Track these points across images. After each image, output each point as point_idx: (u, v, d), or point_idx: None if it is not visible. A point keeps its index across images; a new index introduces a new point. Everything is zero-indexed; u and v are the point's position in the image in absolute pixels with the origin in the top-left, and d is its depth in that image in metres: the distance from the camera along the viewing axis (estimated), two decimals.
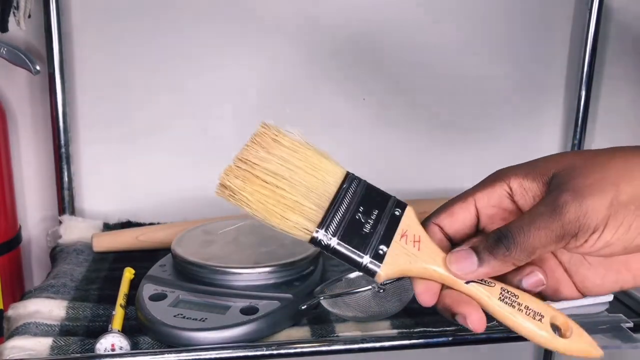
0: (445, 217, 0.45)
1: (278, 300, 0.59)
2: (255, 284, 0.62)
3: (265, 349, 0.56)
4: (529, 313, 0.42)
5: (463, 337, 0.59)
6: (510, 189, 0.44)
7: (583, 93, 0.91)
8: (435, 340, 0.59)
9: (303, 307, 0.60)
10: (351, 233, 0.42)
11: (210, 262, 0.63)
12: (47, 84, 0.80)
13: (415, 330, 0.59)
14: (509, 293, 0.42)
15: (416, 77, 0.91)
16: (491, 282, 0.43)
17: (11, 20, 0.74)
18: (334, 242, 0.42)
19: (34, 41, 0.81)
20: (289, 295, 0.60)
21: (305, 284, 0.63)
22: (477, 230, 0.46)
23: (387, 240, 0.43)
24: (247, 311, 0.58)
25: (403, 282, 0.58)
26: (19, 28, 0.75)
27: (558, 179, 0.42)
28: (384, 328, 0.59)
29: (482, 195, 0.45)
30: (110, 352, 0.55)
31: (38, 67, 0.75)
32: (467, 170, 0.95)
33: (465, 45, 0.91)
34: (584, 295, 0.45)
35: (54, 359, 0.54)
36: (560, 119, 0.95)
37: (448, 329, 0.59)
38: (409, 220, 0.44)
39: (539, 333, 0.41)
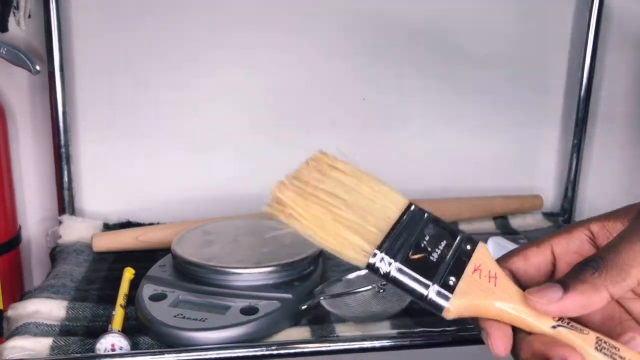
0: (518, 260, 0.40)
1: (278, 301, 0.59)
2: (255, 284, 0.62)
3: (265, 349, 0.56)
4: None
5: (463, 337, 0.59)
6: (591, 233, 0.40)
7: (583, 93, 0.91)
8: (435, 340, 0.59)
9: (303, 307, 0.60)
10: (415, 258, 0.37)
11: (210, 262, 0.63)
12: (47, 83, 0.80)
13: (415, 330, 0.59)
14: (607, 344, 0.36)
15: (415, 76, 0.90)
16: (584, 330, 0.36)
17: (11, 20, 0.74)
18: (394, 266, 0.37)
19: (34, 41, 0.81)
20: (289, 296, 0.60)
21: (305, 284, 0.63)
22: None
23: (457, 272, 0.37)
24: (247, 311, 0.58)
25: None
26: (19, 28, 0.75)
27: (628, 215, 0.38)
28: (384, 328, 0.59)
29: (560, 240, 0.40)
30: (110, 352, 0.55)
31: (38, 67, 0.75)
32: (467, 170, 0.95)
33: (464, 46, 0.90)
34: None
35: (53, 359, 0.54)
36: (560, 119, 0.95)
37: (448, 329, 0.59)
38: (482, 256, 0.39)
39: None
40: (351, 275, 0.63)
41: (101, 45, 0.83)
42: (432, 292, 0.37)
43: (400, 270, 0.37)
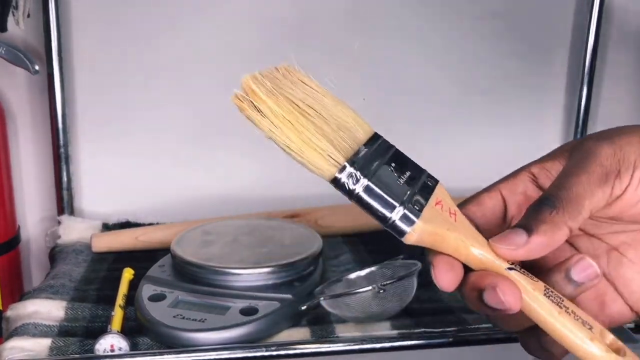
0: (473, 206, 0.41)
1: (278, 301, 0.59)
2: (255, 285, 0.62)
3: (265, 349, 0.56)
4: (577, 319, 0.35)
5: (463, 338, 0.59)
6: (533, 174, 0.41)
7: (583, 93, 0.91)
8: (435, 340, 0.59)
9: (303, 308, 0.60)
10: (383, 180, 0.36)
11: (210, 262, 0.63)
12: (47, 83, 0.80)
13: (416, 330, 0.59)
14: (554, 293, 0.36)
15: (415, 76, 0.90)
16: (534, 277, 0.36)
17: (10, 19, 0.74)
18: (362, 183, 0.35)
19: (33, 41, 0.81)
20: (288, 296, 0.60)
21: (305, 285, 0.63)
22: (506, 223, 0.42)
23: (421, 201, 0.36)
24: (247, 312, 0.58)
25: (403, 282, 0.58)
26: (18, 28, 0.75)
27: (579, 146, 0.39)
28: (384, 329, 0.59)
29: (507, 185, 0.42)
30: (110, 353, 0.54)
31: (37, 67, 0.75)
32: (467, 170, 0.94)
33: (464, 45, 0.90)
34: (637, 313, 0.40)
35: (53, 359, 0.54)
36: (560, 119, 0.95)
37: (448, 329, 0.59)
38: (442, 194, 0.39)
39: (590, 344, 0.34)
40: (351, 276, 0.63)
41: (101, 45, 0.83)
42: (396, 214, 0.36)
43: (367, 189, 0.36)
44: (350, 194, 0.36)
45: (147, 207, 0.87)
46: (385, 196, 0.36)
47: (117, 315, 0.59)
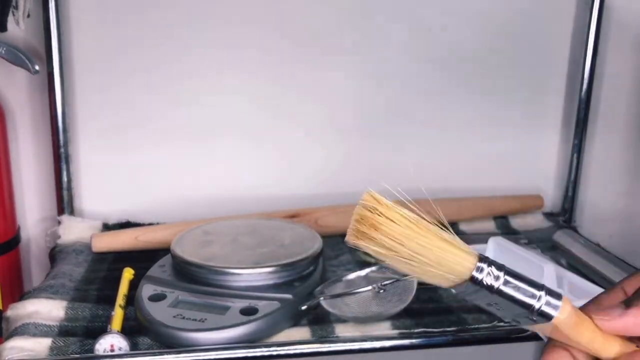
0: (593, 306, 0.40)
1: (278, 301, 0.59)
2: (255, 285, 0.62)
3: (265, 349, 0.56)
4: None
5: (463, 337, 0.59)
6: None
7: (583, 93, 0.91)
8: (435, 340, 0.59)
9: (303, 308, 0.60)
10: (517, 274, 0.38)
11: (210, 262, 0.63)
12: (46, 83, 0.80)
13: (416, 330, 0.59)
14: None
15: (415, 76, 0.90)
16: None
17: (10, 19, 0.74)
18: (501, 275, 0.37)
19: (33, 41, 0.81)
20: (288, 296, 0.60)
21: (305, 285, 0.63)
22: None
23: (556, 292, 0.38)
24: (247, 312, 0.58)
25: (403, 282, 0.58)
26: (18, 28, 0.75)
27: None
28: (384, 328, 0.59)
29: (631, 281, 0.41)
30: (110, 353, 0.55)
31: (37, 67, 0.75)
32: (467, 170, 0.95)
33: (464, 45, 0.90)
34: None
35: (53, 359, 0.54)
36: (560, 119, 0.95)
37: (448, 329, 0.59)
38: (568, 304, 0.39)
39: None
40: (351, 276, 0.63)
41: (100, 45, 0.83)
42: (541, 301, 0.37)
43: (506, 281, 0.37)
44: (491, 288, 0.37)
45: (147, 207, 0.87)
46: (526, 286, 0.37)
47: (117, 315, 0.59)
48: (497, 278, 0.37)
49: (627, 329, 0.37)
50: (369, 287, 0.57)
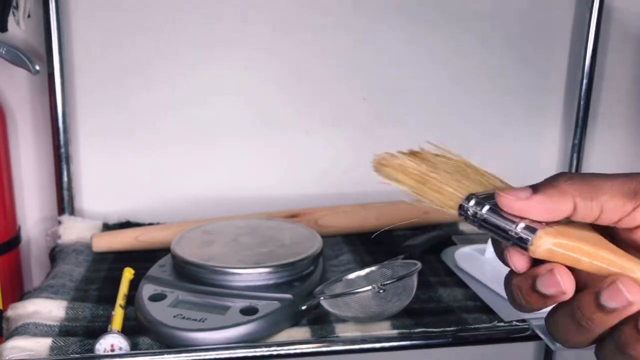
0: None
1: (278, 301, 0.59)
2: (255, 285, 0.62)
3: (265, 349, 0.56)
4: None
5: (463, 337, 0.59)
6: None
7: (583, 93, 0.91)
8: (435, 340, 0.59)
9: (303, 308, 0.60)
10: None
11: (210, 262, 0.63)
12: (47, 83, 0.80)
13: (416, 330, 0.59)
14: None
15: (415, 76, 0.90)
16: None
17: (11, 20, 0.74)
18: (485, 208, 0.38)
19: (34, 41, 0.81)
20: (288, 296, 0.60)
21: (305, 285, 0.63)
22: None
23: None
24: (247, 311, 0.58)
25: (403, 282, 0.58)
26: (19, 28, 0.75)
27: None
28: (384, 328, 0.59)
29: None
30: (110, 353, 0.55)
31: (37, 67, 0.75)
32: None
33: (464, 45, 0.90)
34: None
35: (53, 359, 0.54)
36: (560, 119, 0.95)
37: (448, 329, 0.59)
38: None
39: None
40: (351, 276, 0.63)
41: (101, 45, 0.83)
42: (520, 225, 0.37)
43: (491, 210, 0.38)
44: (475, 216, 0.39)
45: (147, 207, 0.87)
46: (507, 215, 0.38)
47: (118, 315, 0.59)
48: (481, 207, 0.39)
49: (527, 212, 0.37)
50: (369, 287, 0.57)
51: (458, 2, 0.89)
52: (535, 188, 0.37)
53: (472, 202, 0.39)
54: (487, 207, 0.38)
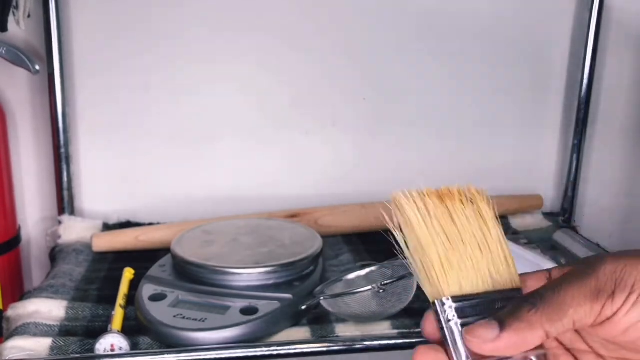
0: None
1: (278, 301, 0.59)
2: (255, 284, 0.62)
3: (265, 349, 0.56)
4: None
5: None
6: (549, 275, 0.39)
7: (583, 93, 0.91)
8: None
9: (303, 308, 0.60)
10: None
11: (210, 262, 0.63)
12: (47, 83, 0.80)
13: (415, 330, 0.59)
14: None
15: (416, 76, 0.90)
16: None
17: (11, 20, 0.74)
18: (455, 322, 0.37)
19: (34, 41, 0.81)
20: (288, 296, 0.60)
21: (305, 285, 0.63)
22: None
23: None
24: (247, 311, 0.58)
25: (403, 282, 0.58)
26: (19, 28, 0.75)
27: (591, 257, 0.37)
28: (384, 328, 0.59)
29: (557, 270, 0.40)
30: (110, 353, 0.55)
31: (38, 67, 0.75)
32: (467, 169, 0.95)
33: (464, 46, 0.90)
34: None
35: (53, 359, 0.54)
36: (560, 119, 0.95)
37: None
38: None
39: None
40: (351, 276, 0.63)
41: (101, 45, 0.83)
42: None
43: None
44: (445, 321, 0.37)
45: (147, 207, 0.87)
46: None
47: (118, 314, 0.59)
48: (447, 321, 0.37)
49: (498, 352, 0.35)
50: (369, 287, 0.57)
51: (458, 2, 0.89)
52: (502, 323, 0.35)
53: (452, 307, 0.36)
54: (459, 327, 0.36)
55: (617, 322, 0.35)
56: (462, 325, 0.36)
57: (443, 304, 0.37)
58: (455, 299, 0.37)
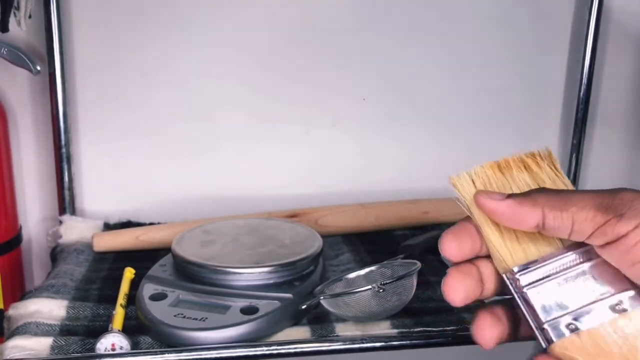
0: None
1: (278, 300, 0.60)
2: (255, 284, 0.62)
3: (265, 348, 0.56)
4: None
5: (462, 337, 0.59)
6: None
7: (582, 93, 0.91)
8: (435, 340, 0.59)
9: (303, 307, 0.60)
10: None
11: (211, 262, 0.63)
12: (48, 84, 0.80)
13: (415, 330, 0.59)
14: None
15: (416, 76, 0.91)
16: None
17: (12, 20, 0.74)
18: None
19: (35, 41, 0.81)
20: (289, 295, 0.60)
21: (305, 284, 0.63)
22: None
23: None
24: (247, 311, 0.58)
25: (403, 281, 0.58)
26: (20, 28, 0.75)
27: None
28: (384, 328, 0.59)
29: None
30: (111, 352, 0.55)
31: (38, 67, 0.75)
32: (467, 169, 0.95)
33: (463, 45, 0.91)
34: None
35: (54, 359, 0.54)
36: (559, 118, 0.95)
37: (448, 328, 0.59)
38: None
39: None
40: (351, 275, 0.63)
41: (102, 45, 0.83)
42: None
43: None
44: (518, 288, 0.40)
45: (148, 206, 0.87)
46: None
47: (119, 314, 0.60)
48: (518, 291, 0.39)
49: (496, 214, 0.39)
50: (369, 287, 0.57)
51: (458, 3, 0.89)
52: (510, 195, 0.39)
53: (525, 272, 0.39)
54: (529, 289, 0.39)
55: (614, 248, 0.37)
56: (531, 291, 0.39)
57: (512, 274, 0.40)
58: (523, 267, 0.39)
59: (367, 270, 0.63)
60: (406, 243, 0.77)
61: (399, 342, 0.58)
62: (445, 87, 0.92)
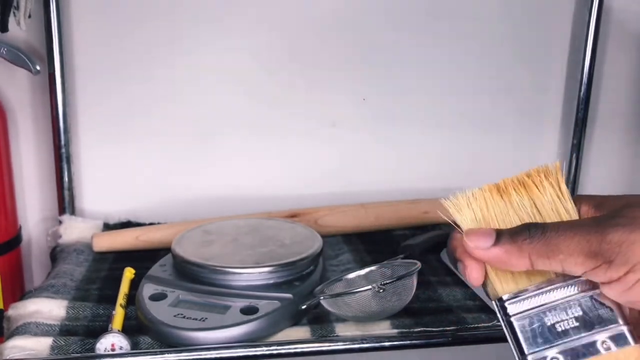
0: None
1: (278, 300, 0.60)
2: (255, 284, 0.62)
3: (265, 348, 0.56)
4: None
5: (462, 337, 0.59)
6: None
7: (582, 93, 0.91)
8: (435, 340, 0.59)
9: (303, 307, 0.60)
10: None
11: (210, 262, 0.63)
12: (48, 84, 0.80)
13: (415, 330, 0.59)
14: None
15: (416, 76, 0.90)
16: None
17: (11, 20, 0.74)
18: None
19: (34, 41, 0.81)
20: (289, 295, 0.60)
21: (305, 284, 0.63)
22: None
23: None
24: (247, 311, 0.58)
25: (403, 281, 0.58)
26: (19, 28, 0.75)
27: (613, 206, 0.39)
28: (384, 328, 0.59)
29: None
30: (110, 352, 0.55)
31: (38, 67, 0.75)
32: (467, 169, 0.95)
33: (464, 46, 0.91)
34: None
35: (54, 359, 0.54)
36: (560, 119, 0.95)
37: (448, 328, 0.59)
38: None
39: None
40: (351, 275, 0.63)
41: (101, 45, 0.83)
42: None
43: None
44: (505, 316, 0.40)
45: (147, 207, 0.87)
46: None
47: (118, 314, 0.60)
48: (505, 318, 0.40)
49: (483, 259, 0.39)
50: (369, 287, 0.57)
51: (458, 3, 0.89)
52: (498, 238, 0.39)
53: (513, 301, 0.39)
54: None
55: (605, 291, 0.38)
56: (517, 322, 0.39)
57: (500, 302, 0.40)
58: (512, 295, 0.40)
59: (367, 270, 0.63)
60: (406, 243, 0.77)
61: (399, 342, 0.58)
62: (445, 87, 0.92)
